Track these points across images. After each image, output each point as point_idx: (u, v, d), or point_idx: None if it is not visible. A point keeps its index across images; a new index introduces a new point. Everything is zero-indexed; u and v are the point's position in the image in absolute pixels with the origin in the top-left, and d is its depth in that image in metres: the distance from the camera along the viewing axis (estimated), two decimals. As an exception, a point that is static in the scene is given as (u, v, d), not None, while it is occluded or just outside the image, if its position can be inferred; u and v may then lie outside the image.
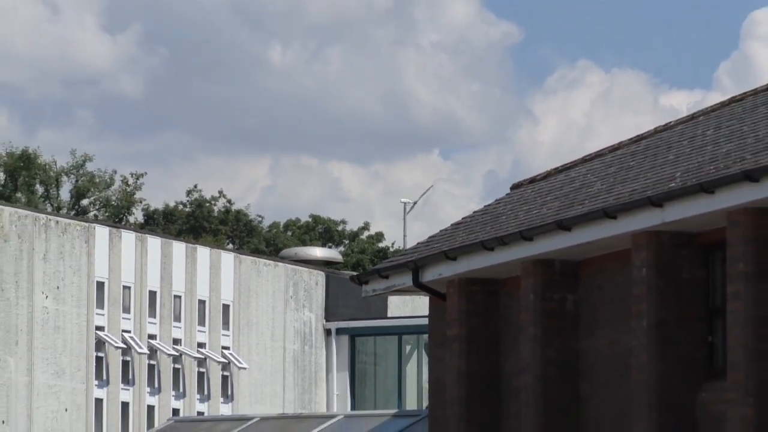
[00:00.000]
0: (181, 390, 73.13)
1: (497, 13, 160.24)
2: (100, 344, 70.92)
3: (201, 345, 75.03)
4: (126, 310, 72.23)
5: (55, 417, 68.71)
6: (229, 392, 74.11)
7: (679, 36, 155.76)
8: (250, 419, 53.58)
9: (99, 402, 70.89)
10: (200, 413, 69.46)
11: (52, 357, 69.19)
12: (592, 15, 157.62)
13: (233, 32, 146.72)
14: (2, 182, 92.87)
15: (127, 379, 72.08)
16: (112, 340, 71.43)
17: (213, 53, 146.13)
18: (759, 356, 31.75)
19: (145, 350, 72.95)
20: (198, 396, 73.40)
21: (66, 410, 69.44)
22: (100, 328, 71.00)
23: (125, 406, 70.94)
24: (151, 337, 73.14)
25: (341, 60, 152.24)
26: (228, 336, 75.98)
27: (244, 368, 75.73)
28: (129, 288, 72.65)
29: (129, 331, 72.27)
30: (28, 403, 68.27)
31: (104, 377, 71.30)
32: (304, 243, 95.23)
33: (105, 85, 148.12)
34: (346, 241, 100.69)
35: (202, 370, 74.10)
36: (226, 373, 75.27)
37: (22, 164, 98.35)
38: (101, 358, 70.85)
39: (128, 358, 72.15)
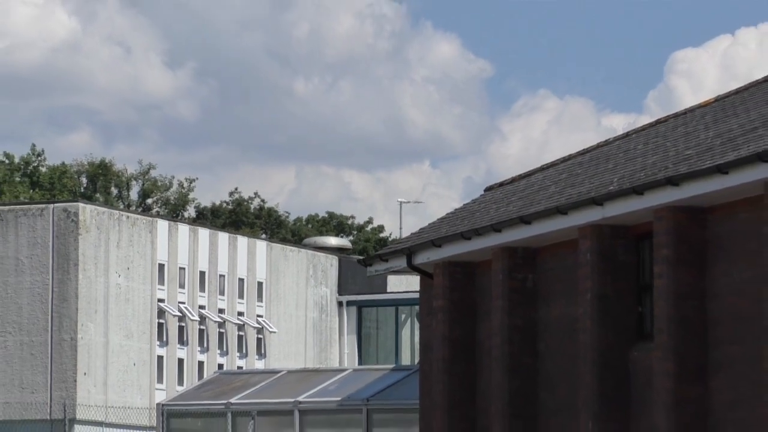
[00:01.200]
0: (224, 349, 72.94)
1: (474, 53, 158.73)
2: (161, 313, 70.82)
3: (240, 314, 74.85)
4: (181, 286, 72.05)
5: (125, 370, 68.59)
6: (263, 351, 73.86)
7: (617, 70, 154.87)
8: (279, 372, 53.51)
9: (160, 359, 70.74)
10: (239, 367, 69.44)
11: (123, 323, 69.06)
12: (549, 53, 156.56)
13: (267, 68, 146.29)
14: (85, 185, 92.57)
15: (182, 341, 71.95)
16: (171, 309, 71.32)
17: (251, 84, 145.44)
18: (678, 323, 31.93)
19: (197, 318, 72.88)
20: (238, 354, 73.19)
21: (134, 365, 69.34)
22: (161, 300, 70.87)
23: (180, 362, 70.81)
24: (201, 307, 73.02)
25: (351, 90, 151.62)
26: (261, 306, 75.73)
27: (274, 332, 75.51)
28: (184, 269, 72.50)
29: (183, 303, 72.13)
30: (105, 359, 68.08)
31: (164, 339, 71.20)
32: (321, 233, 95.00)
33: (166, 110, 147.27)
34: (355, 232, 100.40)
35: (241, 333, 73.84)
36: (260, 336, 75.03)
37: (100, 171, 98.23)
38: (162, 324, 70.77)
39: (183, 324, 72.02)
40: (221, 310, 74.27)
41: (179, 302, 72.06)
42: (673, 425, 31.68)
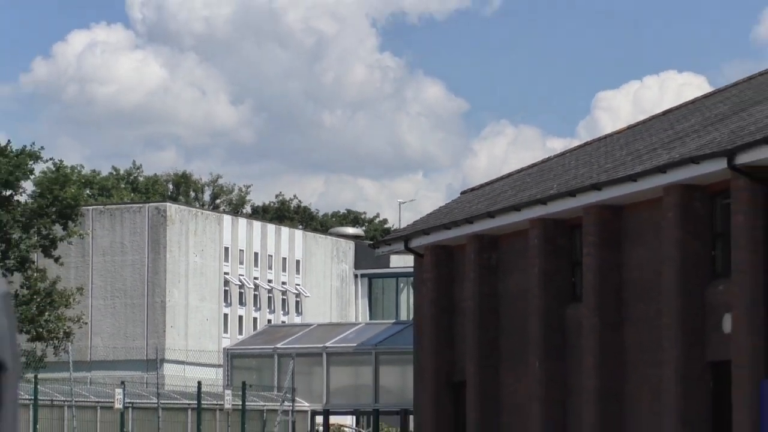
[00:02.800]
0: (272, 308, 72.64)
1: (454, 94, 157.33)
2: (226, 282, 70.57)
3: (283, 283, 74.61)
4: (240, 263, 71.77)
5: (201, 324, 68.41)
6: (300, 310, 73.60)
7: (557, 106, 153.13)
8: (311, 325, 53.59)
9: (225, 315, 70.56)
10: (283, 322, 69.24)
11: (199, 290, 68.95)
12: (507, 94, 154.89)
13: (303, 105, 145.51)
14: (171, 190, 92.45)
15: (241, 303, 71.70)
16: (233, 280, 71.19)
17: (292, 117, 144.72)
18: (601, 289, 31.95)
19: (252, 286, 72.59)
20: (282, 312, 72.91)
21: (207, 320, 69.25)
22: (225, 273, 70.61)
23: (240, 318, 70.52)
24: (255, 278, 72.69)
25: (364, 121, 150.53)
26: (299, 277, 75.55)
27: (308, 296, 75.20)
28: (242, 250, 72.35)
29: (242, 275, 71.90)
30: (185, 316, 67.98)
31: (228, 301, 71.07)
32: (342, 225, 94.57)
33: (231, 135, 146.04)
34: (366, 224, 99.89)
35: (284, 297, 73.53)
36: (297, 299, 74.79)
37: (182, 180, 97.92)
38: (227, 290, 70.53)
39: (242, 291, 71.79)
40: (269, 281, 74.04)
41: (239, 275, 71.87)
42: (597, 364, 31.84)
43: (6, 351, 1.28)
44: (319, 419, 44.25)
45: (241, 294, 73.05)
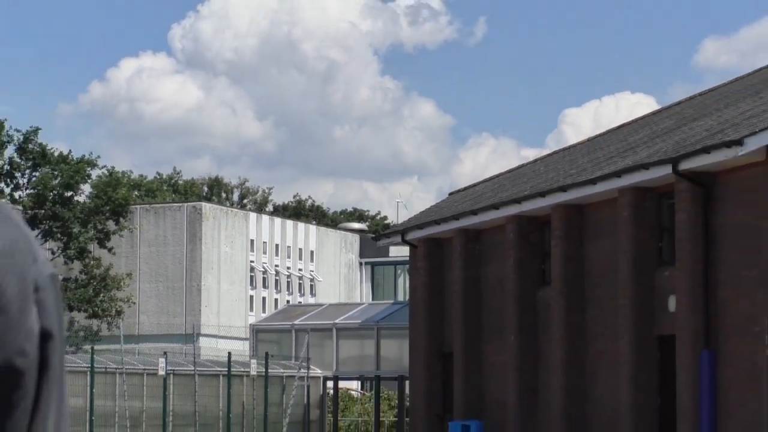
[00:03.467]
0: (290, 291, 72.57)
1: (443, 111, 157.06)
2: (251, 269, 70.40)
3: (300, 270, 74.55)
4: (264, 252, 71.67)
5: (230, 304, 68.27)
6: (314, 292, 73.50)
7: (530, 121, 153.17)
8: (323, 305, 53.51)
9: (251, 297, 70.34)
10: (299, 303, 69.09)
11: (229, 275, 68.87)
12: (488, 110, 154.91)
13: (318, 121, 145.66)
14: (206, 192, 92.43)
15: (264, 286, 71.57)
16: (258, 267, 71.05)
17: (308, 131, 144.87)
18: (566, 276, 31.97)
19: (273, 272, 72.48)
20: (298, 294, 72.83)
21: (235, 300, 69.10)
22: (251, 261, 70.51)
23: (263, 299, 70.39)
24: (276, 266, 72.61)
25: (368, 134, 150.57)
26: (313, 265, 75.45)
27: (321, 281, 75.12)
28: (265, 242, 72.26)
29: (265, 263, 71.87)
30: (218, 297, 67.88)
31: (254, 285, 71.09)
32: (349, 221, 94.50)
33: (256, 146, 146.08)
34: (370, 220, 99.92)
35: (300, 281, 73.45)
36: (312, 283, 74.65)
37: (215, 183, 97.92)
38: (252, 276, 70.41)
39: (265, 276, 71.66)
40: (288, 267, 73.93)
41: (262, 263, 71.74)
42: (563, 338, 31.89)
43: (53, 323, 1.31)
44: (330, 384, 44.24)
45: (264, 279, 73.03)
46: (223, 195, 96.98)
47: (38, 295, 1.30)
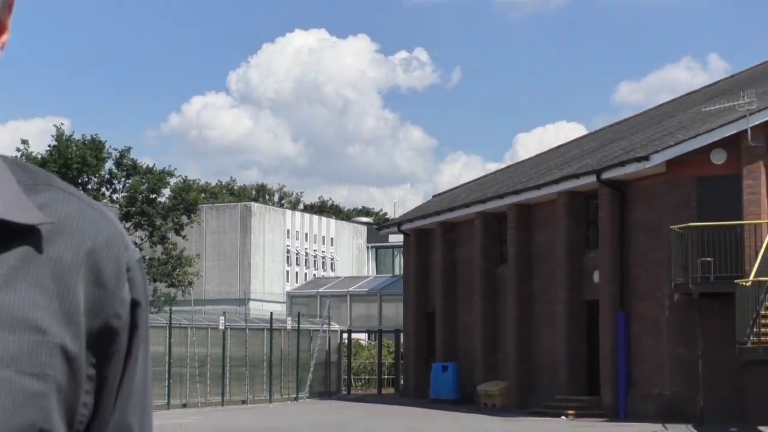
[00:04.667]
0: (316, 267, 72.23)
1: (428, 135, 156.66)
2: (288, 251, 69.92)
3: (323, 252, 74.21)
4: (296, 239, 71.44)
5: (273, 276, 67.93)
6: (333, 268, 73.10)
7: (492, 141, 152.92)
8: (340, 277, 53.43)
9: (288, 272, 70.00)
10: (323, 276, 68.79)
11: (271, 255, 68.54)
12: (462, 134, 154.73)
13: (336, 143, 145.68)
14: (254, 195, 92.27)
15: (297, 263, 71.11)
16: (292, 249, 70.76)
17: (330, 150, 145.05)
18: (518, 257, 31.81)
19: (304, 253, 72.10)
20: (322, 269, 72.36)
21: (276, 274, 68.79)
22: (287, 246, 70.24)
23: (297, 273, 69.76)
24: (306, 249, 72.30)
25: (373, 153, 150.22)
26: (333, 249, 75.12)
27: (338, 260, 74.78)
28: (298, 231, 71.99)
29: (298, 247, 71.51)
30: (262, 272, 67.64)
31: (289, 263, 70.94)
32: (359, 216, 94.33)
33: (292, 161, 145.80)
34: (374, 216, 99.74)
35: (323, 260, 73.11)
36: (332, 261, 74.18)
37: (261, 188, 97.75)
38: (288, 256, 69.88)
39: (298, 256, 71.19)
40: (315, 250, 73.51)
41: (296, 246, 71.35)
42: (516, 303, 31.73)
43: (140, 295, 1.31)
44: (345, 336, 44.21)
45: (297, 258, 72.85)
46: (267, 197, 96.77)
47: (129, 274, 1.29)
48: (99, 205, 1.32)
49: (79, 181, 48.12)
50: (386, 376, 45.08)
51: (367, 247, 78.01)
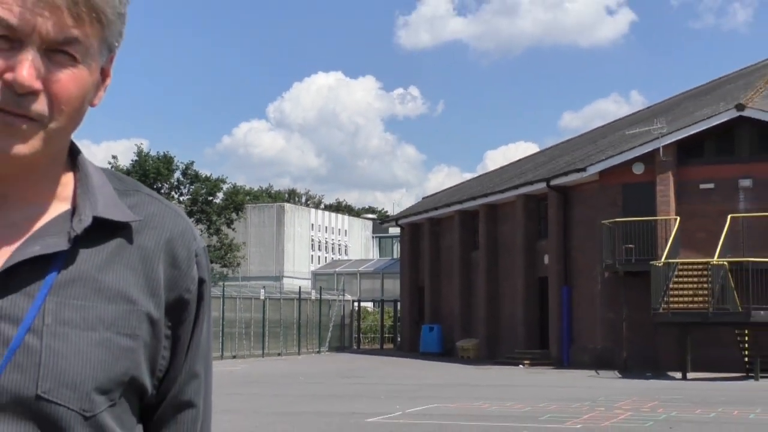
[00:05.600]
0: (334, 252, 71.78)
1: (420, 152, 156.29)
2: (312, 240, 69.59)
3: (339, 240, 74.01)
4: (319, 230, 71.25)
5: (301, 259, 67.51)
6: (347, 253, 72.50)
7: (467, 156, 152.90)
8: (352, 260, 53.32)
9: (312, 255, 69.54)
10: (339, 259, 68.68)
11: (300, 244, 68.12)
12: (445, 150, 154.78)
13: (349, 157, 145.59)
14: (286, 197, 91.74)
15: (320, 249, 70.57)
16: (315, 239, 70.40)
17: (344, 163, 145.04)
18: (487, 244, 31.61)
19: (324, 241, 71.56)
20: (338, 254, 72.01)
21: (303, 257, 68.47)
22: (312, 236, 69.95)
23: (319, 257, 69.29)
24: (326, 238, 72.01)
25: (378, 165, 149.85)
26: (346, 238, 74.78)
27: (351, 247, 74.55)
28: (319, 225, 71.69)
29: (320, 236, 71.27)
30: (293, 256, 67.31)
31: (314, 248, 70.50)
32: (366, 213, 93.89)
33: (314, 171, 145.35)
34: (378, 213, 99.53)
35: (339, 246, 73.19)
36: (346, 248, 73.77)
37: (292, 193, 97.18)
38: (313, 244, 69.51)
39: (320, 243, 70.78)
40: (333, 239, 73.41)
41: (318, 236, 71.10)
42: (485, 281, 31.61)
43: (205, 274, 1.32)
44: (356, 304, 44.19)
45: (319, 245, 72.58)
46: (296, 199, 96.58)
47: (197, 258, 1.27)
48: (174, 205, 1.30)
49: (154, 187, 48.05)
50: (387, 335, 45.10)
51: (372, 237, 77.91)
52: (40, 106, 1.12)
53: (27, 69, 1.09)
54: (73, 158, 1.25)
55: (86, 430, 1.14)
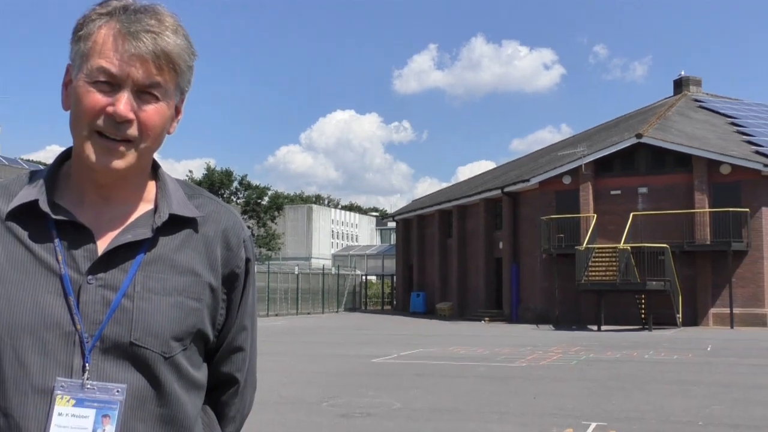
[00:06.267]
0: (348, 240, 70.94)
1: (411, 168, 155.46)
2: (332, 231, 68.91)
3: (351, 231, 73.43)
4: (337, 224, 70.71)
5: (325, 245, 66.85)
6: (357, 240, 70.85)
7: (444, 171, 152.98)
8: (361, 245, 52.94)
9: (332, 243, 68.89)
10: (350, 245, 67.67)
11: (324, 235, 67.24)
12: (429, 167, 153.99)
13: (358, 172, 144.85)
14: (314, 200, 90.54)
15: (338, 238, 69.89)
16: (334, 230, 70.05)
17: (354, 176, 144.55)
18: (458, 235, 31.08)
19: (341, 233, 71.04)
20: (351, 241, 70.88)
21: (326, 244, 67.89)
22: (332, 228, 69.47)
23: (338, 243, 68.49)
24: (342, 230, 71.44)
25: (379, 177, 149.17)
26: (357, 228, 74.35)
27: (359, 235, 73.99)
28: (338, 220, 71.16)
29: (338, 228, 70.77)
30: (319, 242, 66.43)
31: (334, 237, 69.64)
32: (371, 212, 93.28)
33: (334, 182, 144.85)
34: (380, 211, 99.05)
35: (351, 235, 72.18)
36: (356, 236, 72.80)
37: (318, 197, 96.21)
38: (334, 233, 69.21)
39: (337, 233, 70.48)
40: (346, 231, 73.05)
41: (337, 228, 70.92)
42: (457, 260, 31.17)
43: (251, 254, 1.33)
44: (364, 278, 44.08)
45: (337, 235, 72.24)
46: (321, 201, 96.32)
47: (244, 243, 1.26)
48: (228, 205, 1.30)
49: (218, 193, 48.04)
50: (386, 300, 45.07)
51: (376, 229, 77.66)
52: (133, 131, 1.15)
53: (123, 104, 1.13)
54: (155, 171, 1.26)
55: (166, 367, 1.15)
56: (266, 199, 50.35)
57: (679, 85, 32.19)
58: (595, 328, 21.90)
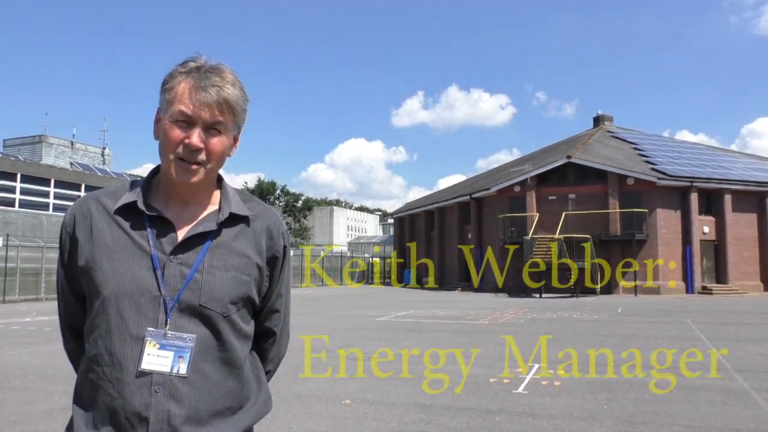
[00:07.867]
0: (359, 233, 68.68)
1: (405, 180, 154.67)
2: (348, 225, 67.32)
3: (361, 226, 71.27)
4: (351, 220, 68.42)
5: (342, 236, 64.86)
6: (365, 232, 67.88)
7: (430, 181, 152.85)
8: (368, 236, 52.17)
9: (348, 233, 67.82)
10: (361, 237, 66.20)
11: (342, 228, 65.05)
12: (420, 178, 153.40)
13: (369, 183, 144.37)
14: (335, 203, 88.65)
15: (353, 231, 68.09)
16: (351, 224, 68.82)
17: (365, 186, 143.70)
18: (439, 229, 30.54)
19: (354, 227, 69.40)
20: (361, 233, 68.74)
21: (349, 236, 66.85)
22: (348, 224, 68.14)
23: (351, 234, 67.54)
24: (357, 226, 70.54)
25: (381, 187, 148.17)
26: (366, 225, 72.12)
27: (367, 229, 70.59)
28: (352, 218, 69.38)
29: (353, 225, 69.55)
30: (337, 234, 64.48)
31: (349, 231, 67.77)
32: (376, 212, 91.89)
33: (350, 191, 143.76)
34: (383, 212, 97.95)
35: (362, 227, 69.35)
36: (365, 228, 71.41)
37: (338, 201, 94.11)
38: (348, 227, 67.31)
39: (353, 227, 68.61)
40: (358, 226, 71.80)
41: (353, 224, 69.51)
42: (437, 247, 30.65)
43: (288, 243, 1.36)
44: (371, 259, 43.79)
45: (352, 228, 71.20)
46: (340, 204, 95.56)
47: (283, 234, 1.29)
48: (271, 207, 1.33)
49: (266, 198, 47.87)
50: (386, 276, 44.83)
51: (379, 224, 76.63)
52: (203, 156, 1.24)
53: (196, 137, 1.22)
54: (219, 182, 1.32)
55: (224, 323, 1.22)
56: (300, 202, 50.18)
57: (597, 120, 32.49)
58: (537, 296, 22.04)
